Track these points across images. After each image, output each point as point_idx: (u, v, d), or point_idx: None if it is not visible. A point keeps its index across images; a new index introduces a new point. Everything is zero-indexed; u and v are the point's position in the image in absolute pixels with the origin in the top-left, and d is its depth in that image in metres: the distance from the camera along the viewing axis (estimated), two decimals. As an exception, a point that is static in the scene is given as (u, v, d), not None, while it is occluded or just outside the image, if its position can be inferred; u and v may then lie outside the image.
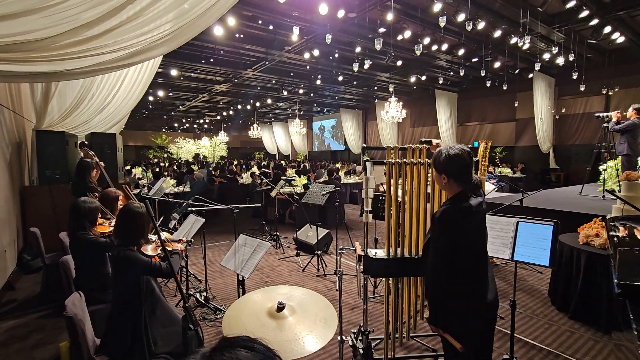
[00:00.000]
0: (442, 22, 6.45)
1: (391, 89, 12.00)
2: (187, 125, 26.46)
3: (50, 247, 3.79)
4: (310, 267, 4.50)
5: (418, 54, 8.23)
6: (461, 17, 7.35)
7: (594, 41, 9.04)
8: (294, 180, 6.77)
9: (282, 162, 21.83)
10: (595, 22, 8.46)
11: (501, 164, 14.27)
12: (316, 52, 10.31)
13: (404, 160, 1.97)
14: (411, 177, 1.96)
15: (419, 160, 1.97)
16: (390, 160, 1.97)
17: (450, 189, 1.55)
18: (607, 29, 8.73)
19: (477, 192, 1.52)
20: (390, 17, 7.92)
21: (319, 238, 4.98)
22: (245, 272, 2.26)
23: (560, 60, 10.25)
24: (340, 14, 7.80)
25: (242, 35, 10.03)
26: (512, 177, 12.20)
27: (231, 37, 9.85)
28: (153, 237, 2.39)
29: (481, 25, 8.03)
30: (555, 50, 8.56)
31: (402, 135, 20.45)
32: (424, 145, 1.91)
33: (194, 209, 2.73)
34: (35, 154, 4.72)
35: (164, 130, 24.76)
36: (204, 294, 3.47)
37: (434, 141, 1.85)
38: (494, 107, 16.42)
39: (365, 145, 2.09)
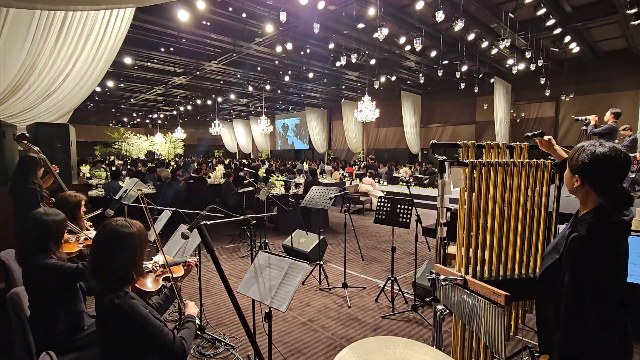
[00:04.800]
0: (439, 17, 6.29)
1: (376, 86, 11.85)
2: (139, 120, 24.36)
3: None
4: (311, 279, 4.04)
5: (417, 49, 7.98)
6: (440, 18, 7.28)
7: (556, 49, 9.56)
8: (292, 181, 6.22)
9: (244, 160, 20.93)
10: (558, 30, 8.91)
11: (463, 164, 14.74)
12: (289, 46, 9.78)
13: (488, 160, 1.61)
14: (495, 181, 1.62)
15: (504, 160, 1.63)
16: (471, 160, 1.60)
17: (586, 197, 1.22)
18: (567, 39, 9.28)
19: (628, 206, 1.18)
20: (372, 12, 7.66)
21: (314, 245, 4.54)
22: (278, 303, 1.76)
23: (520, 67, 10.78)
24: (321, 5, 7.38)
25: (208, 23, 9.22)
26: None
27: (197, 25, 9.00)
28: (149, 265, 1.80)
29: (458, 26, 8.08)
30: (528, 55, 8.88)
31: (367, 135, 20.56)
32: (535, 139, 1.56)
33: (208, 222, 2.15)
34: (-42, 147, 3.73)
35: (111, 124, 22.58)
36: (197, 320, 2.86)
37: (547, 137, 1.52)
38: (455, 110, 17.05)
39: (435, 142, 1.70)
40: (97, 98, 17.29)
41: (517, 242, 1.65)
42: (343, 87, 16.37)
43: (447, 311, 1.28)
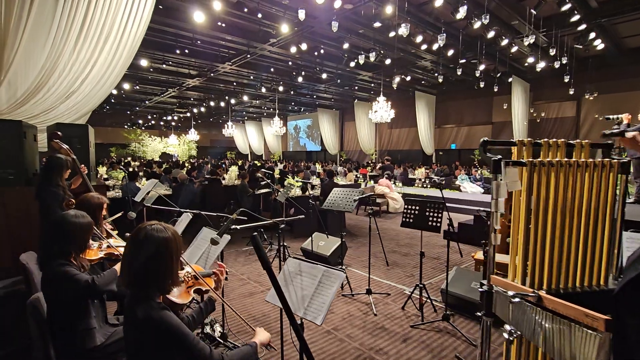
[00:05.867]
0: (462, 13, 6.10)
1: (395, 86, 11.62)
2: (153, 122, 24.68)
3: (1, 271, 2.90)
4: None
5: (441, 45, 7.73)
6: (462, 14, 7.06)
7: (580, 46, 9.23)
8: (308, 182, 6.08)
9: (256, 162, 20.97)
10: (583, 27, 8.60)
11: (479, 165, 14.44)
12: (304, 46, 9.70)
13: (549, 159, 1.46)
14: (556, 183, 1.46)
15: (566, 160, 1.47)
16: (530, 159, 1.45)
17: None
18: (592, 35, 8.95)
19: None
20: (389, 10, 7.50)
21: (334, 248, 4.41)
22: (312, 314, 1.63)
23: (541, 65, 10.44)
24: (337, 4, 7.27)
25: (223, 24, 9.21)
26: (495, 179, 12.26)
27: (212, 26, 9.00)
28: (180, 274, 1.68)
29: (478, 24, 7.87)
30: (552, 52, 8.58)
31: (379, 136, 20.35)
32: (615, 138, 1.40)
33: (238, 226, 2.03)
34: (-20, 148, 3.72)
35: (126, 126, 22.91)
36: (218, 327, 2.76)
37: (630, 134, 1.36)
38: (471, 110, 16.70)
39: (487, 139, 1.55)
40: (112, 100, 17.56)
41: (579, 251, 1.49)
42: (356, 87, 16.23)
43: (517, 333, 1.13)
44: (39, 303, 1.69)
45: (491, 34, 8.63)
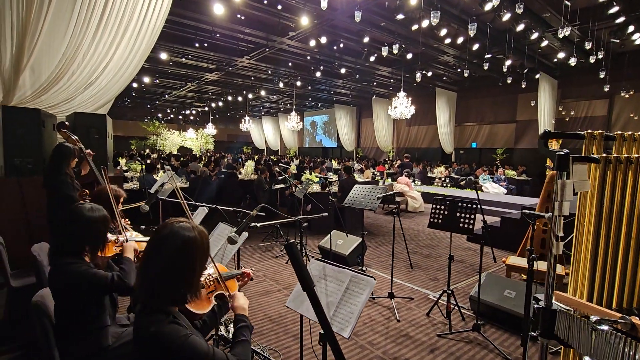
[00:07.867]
0: (494, 2, 5.76)
1: (418, 79, 11.24)
2: (172, 116, 25.01)
3: (18, 261, 2.85)
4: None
5: (472, 34, 7.36)
6: (495, 3, 6.68)
7: (617, 40, 8.68)
8: (326, 177, 5.91)
9: (272, 157, 20.95)
10: (621, 19, 8.07)
11: (503, 166, 13.90)
12: (323, 40, 9.48)
13: (627, 156, 1.23)
14: (633, 183, 1.23)
15: (646, 157, 1.25)
16: (604, 155, 1.23)
17: None
18: (631, 28, 8.40)
19: None
20: (412, 1, 7.20)
21: (354, 248, 4.23)
22: (339, 325, 1.45)
23: (573, 60, 9.88)
24: (360, -6, 7.04)
25: (243, 17, 9.10)
26: (519, 180, 11.81)
27: (231, 19, 8.90)
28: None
29: (507, 16, 7.48)
30: (588, 46, 8.10)
31: (397, 134, 19.96)
32: None
33: (258, 224, 1.88)
34: (0, 136, 3.71)
35: (146, 120, 23.31)
36: (232, 328, 2.62)
37: None
38: (493, 108, 16.12)
39: (548, 130, 1.33)
40: (133, 94, 17.81)
41: (657, 265, 1.27)
42: (375, 83, 15.91)
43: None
44: (43, 301, 1.58)
45: (520, 27, 8.21)
